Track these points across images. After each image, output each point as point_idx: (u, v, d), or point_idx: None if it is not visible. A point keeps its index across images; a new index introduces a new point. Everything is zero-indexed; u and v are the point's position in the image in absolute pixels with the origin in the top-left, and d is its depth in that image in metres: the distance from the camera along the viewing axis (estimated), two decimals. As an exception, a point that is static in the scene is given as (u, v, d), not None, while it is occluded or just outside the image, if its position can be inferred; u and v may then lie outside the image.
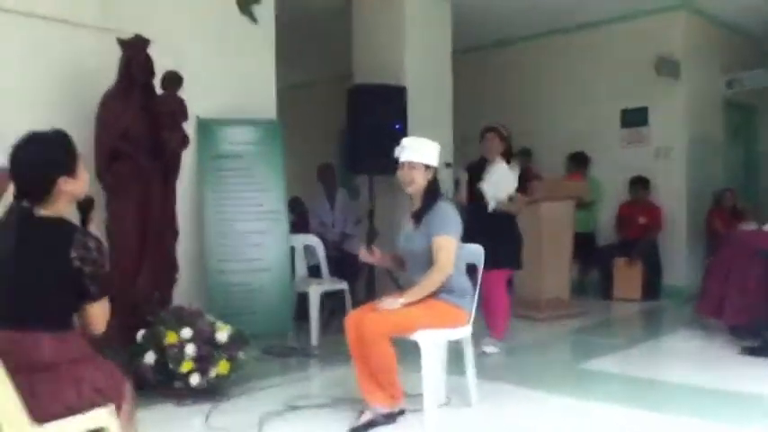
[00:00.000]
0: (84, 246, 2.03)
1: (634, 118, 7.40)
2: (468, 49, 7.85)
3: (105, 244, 2.25)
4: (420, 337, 3.11)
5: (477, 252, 3.47)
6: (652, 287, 6.86)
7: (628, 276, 6.88)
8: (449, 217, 3.22)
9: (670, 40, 7.10)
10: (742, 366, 4.24)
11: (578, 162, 7.42)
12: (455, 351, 3.49)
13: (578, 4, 6.93)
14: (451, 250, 3.18)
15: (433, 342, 3.17)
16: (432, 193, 3.28)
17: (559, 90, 7.87)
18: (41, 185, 2.05)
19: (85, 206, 2.20)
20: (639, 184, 7.12)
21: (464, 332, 3.32)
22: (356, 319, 3.19)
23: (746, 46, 8.09)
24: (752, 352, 4.40)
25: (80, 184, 2.12)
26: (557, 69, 7.87)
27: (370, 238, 3.43)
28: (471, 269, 3.46)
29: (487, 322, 4.61)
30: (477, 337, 3.47)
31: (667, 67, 6.95)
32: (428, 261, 3.20)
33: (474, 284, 3.39)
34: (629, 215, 7.12)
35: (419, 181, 3.26)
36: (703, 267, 6.58)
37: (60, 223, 2.07)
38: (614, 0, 6.86)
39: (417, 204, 3.32)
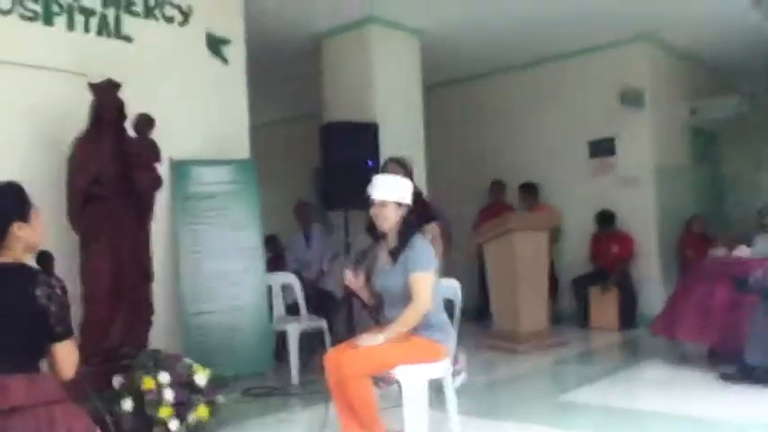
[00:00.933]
0: (49, 285, 2.07)
1: (601, 148, 7.54)
2: (438, 84, 7.98)
3: (70, 288, 2.23)
4: (400, 373, 3.10)
5: (453, 287, 3.49)
6: (628, 316, 6.92)
7: (604, 305, 6.94)
8: (424, 253, 3.23)
9: (634, 70, 7.30)
10: (721, 393, 4.28)
11: (530, 192, 7.52)
12: (435, 386, 3.47)
13: (543, 37, 7.10)
14: (429, 286, 3.18)
15: (413, 379, 3.15)
16: (406, 229, 3.30)
17: (528, 123, 8.00)
18: None
19: (45, 259, 2.22)
20: (604, 218, 7.22)
21: (444, 368, 3.30)
22: (335, 359, 3.16)
23: (707, 76, 8.35)
24: (729, 378, 4.44)
25: (35, 231, 2.17)
26: (526, 102, 8.02)
27: (358, 260, 3.39)
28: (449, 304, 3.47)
29: None
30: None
31: (632, 96, 7.14)
32: (406, 298, 3.19)
33: (451, 318, 3.39)
34: (601, 245, 7.21)
35: (391, 218, 3.28)
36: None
37: (22, 267, 2.11)
38: (579, 33, 7.04)
39: (393, 242, 3.32)
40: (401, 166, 4.49)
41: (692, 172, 8.14)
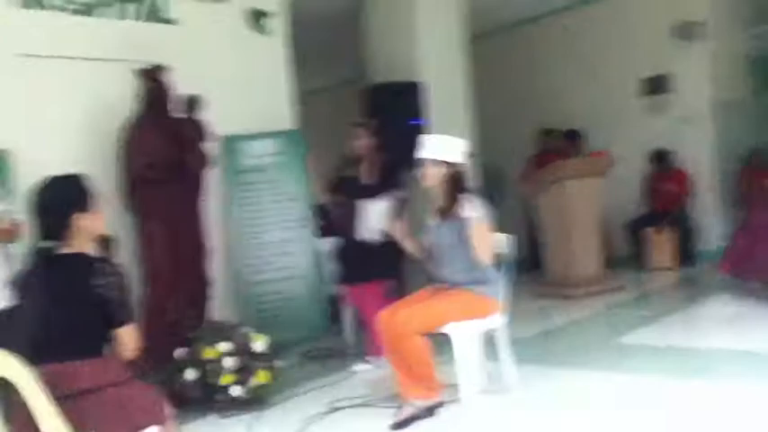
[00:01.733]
0: (105, 273, 2.16)
1: (656, 85, 7.28)
2: (484, 33, 7.80)
3: (128, 272, 2.34)
4: (450, 329, 3.15)
5: (501, 240, 3.48)
6: (687, 254, 6.78)
7: (660, 245, 6.80)
8: (478, 207, 3.25)
9: (690, 1, 6.96)
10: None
11: (574, 138, 7.35)
12: (492, 337, 3.50)
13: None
14: (489, 235, 3.23)
15: (463, 334, 3.19)
16: (455, 188, 3.32)
17: (576, 66, 7.75)
18: (58, 223, 2.18)
19: (105, 243, 2.30)
20: (658, 158, 7.02)
21: (496, 321, 3.33)
22: (389, 318, 3.24)
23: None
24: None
25: (97, 220, 2.25)
26: (573, 45, 7.75)
27: (401, 207, 3.45)
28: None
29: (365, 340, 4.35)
30: (511, 322, 3.46)
31: (686, 30, 6.82)
32: (455, 254, 3.25)
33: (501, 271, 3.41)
34: (656, 184, 7.03)
35: (434, 177, 3.31)
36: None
37: (80, 256, 2.19)
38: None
39: (439, 200, 3.35)
40: (366, 129, 4.41)
41: (753, 103, 7.76)
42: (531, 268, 6.80)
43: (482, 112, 6.68)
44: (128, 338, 2.22)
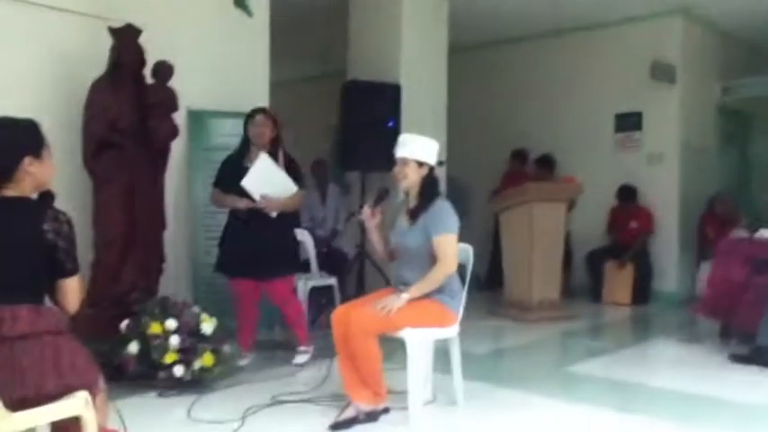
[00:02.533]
0: (57, 220, 2.08)
1: (628, 122, 7.39)
2: (464, 48, 7.83)
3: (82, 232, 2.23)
4: (407, 334, 3.09)
5: (465, 251, 3.45)
6: (642, 291, 6.87)
7: (618, 280, 6.89)
8: (448, 215, 3.21)
9: (666, 44, 7.10)
10: (730, 373, 4.23)
11: (546, 165, 7.41)
12: (441, 349, 3.46)
13: (574, 6, 6.92)
14: (455, 248, 3.18)
15: (420, 340, 3.14)
16: (428, 190, 3.26)
17: (554, 92, 7.85)
18: (6, 163, 2.07)
19: (46, 197, 2.17)
20: (626, 193, 7.11)
21: (451, 331, 3.29)
22: (343, 315, 3.17)
23: (743, 53, 8.09)
24: (740, 360, 4.38)
25: (46, 169, 2.15)
26: (552, 71, 7.85)
27: (380, 198, 3.35)
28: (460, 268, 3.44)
29: (295, 332, 4.29)
30: (462, 337, 3.43)
31: (663, 71, 6.94)
32: (420, 259, 3.19)
33: (463, 283, 3.37)
34: (620, 218, 7.12)
35: (411, 177, 3.25)
36: (695, 272, 6.62)
37: (29, 201, 2.11)
38: (611, 4, 6.85)
39: (413, 201, 3.30)
40: (269, 117, 4.13)
41: (719, 152, 7.96)
42: (491, 286, 6.82)
43: (454, 125, 6.69)
44: (73, 290, 2.13)
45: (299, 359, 4.19)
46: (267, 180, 3.95)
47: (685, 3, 6.84)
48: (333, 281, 5.07)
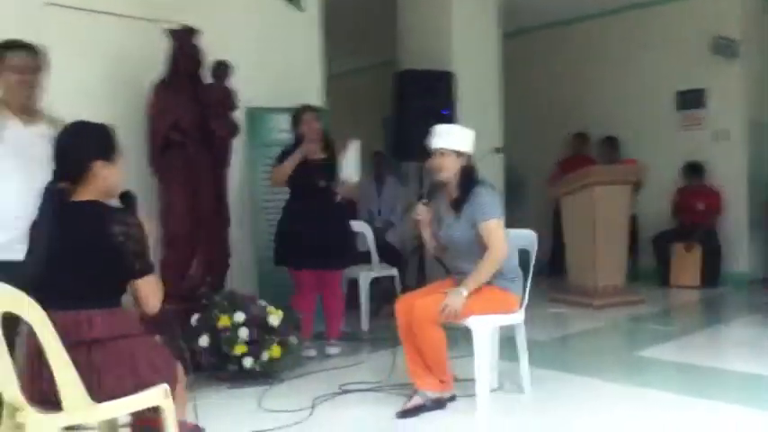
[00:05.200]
0: (125, 223, 2.08)
1: (690, 100, 7.14)
2: (518, 32, 7.72)
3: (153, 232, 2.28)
4: (472, 322, 3.08)
5: (529, 237, 3.40)
6: (711, 274, 6.63)
7: (686, 263, 6.68)
8: (491, 201, 3.17)
9: (726, 18, 6.81)
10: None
11: (612, 145, 7.27)
12: (506, 337, 3.44)
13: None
14: (502, 233, 3.13)
15: (485, 328, 3.12)
16: (468, 179, 3.22)
17: (612, 73, 7.65)
18: (77, 167, 2.11)
19: (128, 199, 2.20)
20: (692, 170, 6.89)
21: (516, 317, 3.26)
22: (406, 305, 3.17)
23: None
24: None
25: (116, 173, 2.17)
26: (610, 51, 7.66)
27: (431, 193, 3.34)
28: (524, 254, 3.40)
29: (332, 324, 4.35)
30: (526, 324, 3.39)
31: (725, 46, 6.68)
32: (472, 249, 3.15)
33: (525, 270, 3.33)
34: (686, 200, 6.90)
35: (449, 167, 3.21)
36: (765, 252, 6.37)
37: (97, 204, 2.12)
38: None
39: (454, 192, 3.26)
40: (316, 112, 4.31)
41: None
42: (554, 273, 6.72)
43: (512, 110, 6.59)
44: (150, 290, 2.15)
45: (333, 350, 4.25)
46: (352, 165, 4.17)
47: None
48: (394, 272, 5.08)
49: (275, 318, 3.54)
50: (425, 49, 6.27)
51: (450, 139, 3.22)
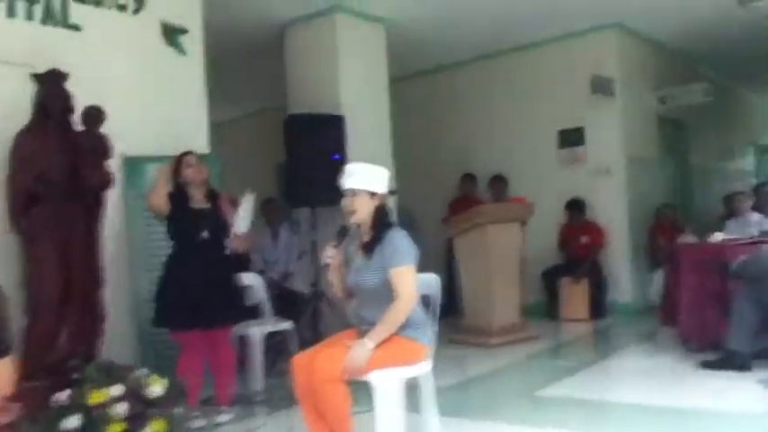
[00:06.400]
0: None
1: (571, 138, 7.44)
2: (405, 76, 7.80)
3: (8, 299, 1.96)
4: (374, 378, 2.89)
5: (432, 282, 3.28)
6: (598, 305, 6.86)
7: (574, 296, 6.86)
8: (403, 245, 3.00)
9: (603, 58, 7.20)
10: (701, 381, 4.18)
11: (500, 184, 7.46)
12: (408, 385, 3.27)
13: (511, 27, 6.98)
14: (412, 280, 2.97)
15: (389, 384, 2.94)
16: (381, 221, 3.07)
17: (496, 113, 7.89)
18: None
19: None
20: (575, 206, 7.13)
21: (422, 368, 3.10)
22: (305, 364, 2.93)
23: (674, 64, 8.31)
24: (712, 366, 4.33)
25: None
26: (493, 92, 7.91)
27: (341, 235, 3.12)
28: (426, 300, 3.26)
29: (223, 387, 4.03)
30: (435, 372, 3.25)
31: (602, 85, 7.03)
32: (381, 296, 2.98)
33: (430, 316, 3.19)
34: (571, 235, 7.12)
35: (362, 209, 3.04)
36: (649, 282, 6.65)
37: None
38: (547, 22, 6.92)
39: (366, 235, 3.10)
40: (197, 157, 4.03)
41: (661, 162, 8.11)
42: (447, 314, 6.67)
43: (400, 154, 6.60)
44: (4, 372, 1.83)
45: (224, 417, 3.89)
46: (245, 218, 3.94)
47: (619, 16, 6.97)
48: (288, 325, 4.83)
49: (157, 388, 3.20)
50: (315, 93, 6.19)
51: (363, 178, 3.04)
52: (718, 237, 5.14)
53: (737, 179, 9.96)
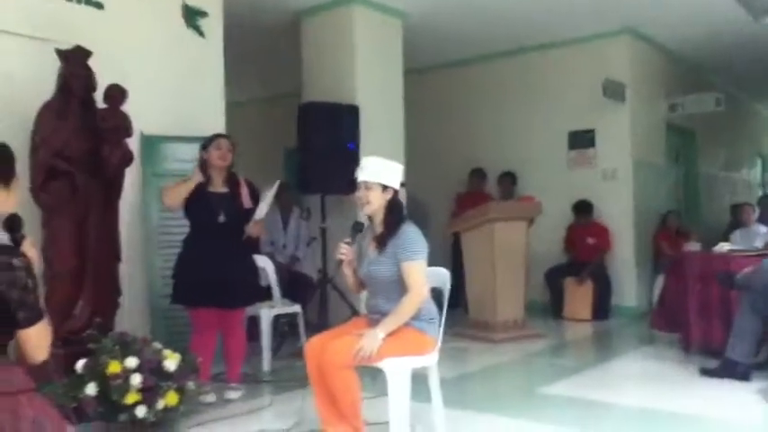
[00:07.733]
0: (8, 266, 1.82)
1: (581, 140, 7.48)
2: (419, 69, 7.83)
3: (38, 264, 2.01)
4: (386, 366, 2.95)
5: (442, 275, 3.34)
6: (602, 307, 6.91)
7: (578, 296, 6.91)
8: (416, 240, 3.07)
9: (616, 63, 7.24)
10: (700, 388, 4.23)
11: (509, 181, 7.52)
12: (414, 376, 3.33)
13: (527, 26, 7.00)
14: (423, 275, 3.04)
15: (400, 371, 3.00)
16: (394, 215, 3.12)
17: (509, 112, 7.91)
18: None
19: (12, 225, 1.96)
20: (582, 208, 7.18)
21: (431, 359, 3.17)
22: (317, 348, 3.00)
23: (686, 72, 8.35)
24: (710, 374, 4.39)
25: (11, 201, 1.95)
26: (507, 91, 7.92)
27: (356, 232, 3.17)
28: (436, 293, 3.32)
29: (232, 366, 4.10)
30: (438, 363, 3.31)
31: (613, 89, 7.06)
32: (393, 287, 3.04)
33: (440, 309, 3.25)
34: (577, 236, 7.17)
35: (375, 202, 3.09)
36: (652, 286, 6.70)
37: None
38: (563, 24, 6.95)
39: (379, 228, 3.16)
40: (231, 142, 4.05)
41: (668, 168, 8.16)
42: (452, 307, 6.73)
43: (411, 146, 6.64)
44: (36, 339, 1.88)
45: (234, 394, 3.98)
46: (266, 205, 3.96)
47: (632, 22, 7.00)
48: (297, 308, 4.89)
49: (172, 362, 3.26)
50: (330, 82, 6.21)
51: (376, 172, 3.09)
52: (724, 247, 5.19)
53: (744, 189, 10.01)
